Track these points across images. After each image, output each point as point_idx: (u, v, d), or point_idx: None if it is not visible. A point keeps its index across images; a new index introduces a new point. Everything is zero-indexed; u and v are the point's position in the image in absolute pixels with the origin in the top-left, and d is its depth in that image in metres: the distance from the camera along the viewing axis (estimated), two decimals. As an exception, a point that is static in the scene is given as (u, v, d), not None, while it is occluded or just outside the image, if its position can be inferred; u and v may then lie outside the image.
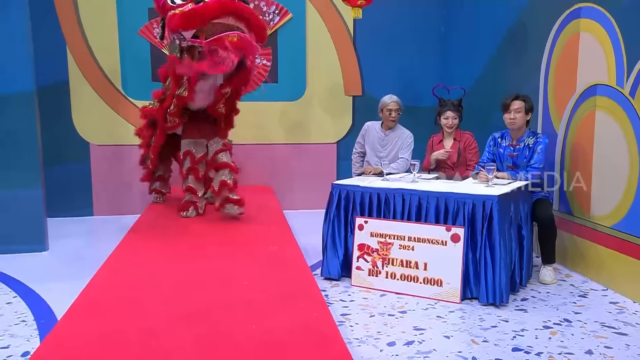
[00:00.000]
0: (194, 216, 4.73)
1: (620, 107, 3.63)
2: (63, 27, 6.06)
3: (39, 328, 3.14)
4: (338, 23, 6.54)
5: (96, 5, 6.03)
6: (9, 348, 2.86)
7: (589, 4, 3.94)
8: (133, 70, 6.13)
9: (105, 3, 6.01)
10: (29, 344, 2.91)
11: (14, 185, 4.75)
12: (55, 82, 6.05)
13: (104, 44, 6.13)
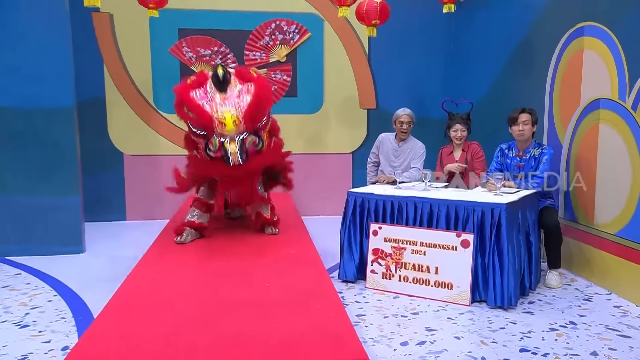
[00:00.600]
0: (188, 242, 4.15)
1: (623, 120, 3.61)
2: (101, 47, 6.16)
3: (77, 325, 3.18)
4: (354, 41, 6.57)
5: (131, 26, 6.13)
6: (50, 343, 2.91)
7: (592, 23, 3.92)
8: (164, 86, 6.20)
9: (139, 24, 6.10)
10: (67, 339, 2.96)
11: (55, 193, 4.82)
12: (93, 98, 6.14)
13: (137, 62, 6.23)
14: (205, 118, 3.68)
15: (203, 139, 3.81)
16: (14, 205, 4.76)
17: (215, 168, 3.87)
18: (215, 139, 3.70)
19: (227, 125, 3.67)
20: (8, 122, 4.69)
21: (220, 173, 3.92)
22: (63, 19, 4.72)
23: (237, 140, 3.70)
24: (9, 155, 4.72)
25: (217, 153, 3.73)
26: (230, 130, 3.68)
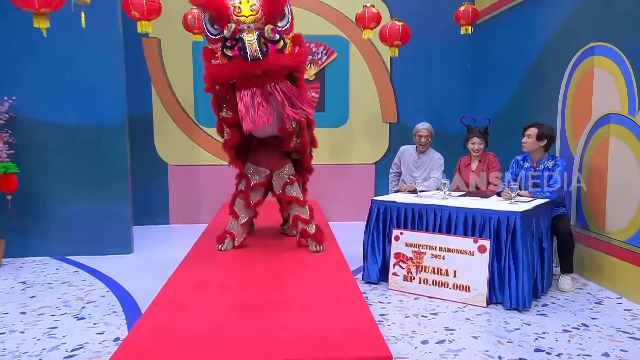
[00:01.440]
0: (230, 248, 4.03)
1: (633, 134, 3.55)
2: (149, 69, 6.30)
3: (126, 318, 3.24)
4: (377, 60, 6.57)
5: (176, 50, 6.24)
6: (103, 334, 2.98)
7: (602, 43, 3.88)
8: (204, 103, 6.26)
9: (184, 48, 6.20)
10: (118, 331, 3.02)
11: (107, 199, 4.92)
12: (142, 114, 6.26)
13: (181, 81, 6.34)
14: (219, 3, 3.22)
15: (220, 41, 3.32)
16: (72, 211, 4.87)
17: (232, 68, 3.27)
18: (231, 24, 3.19)
19: (243, 10, 3.21)
20: (68, 137, 4.81)
21: (239, 72, 3.26)
22: (117, 43, 4.85)
23: (255, 34, 3.19)
24: (69, 167, 4.84)
25: (234, 50, 3.22)
26: (247, 14, 3.20)
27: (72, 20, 3.76)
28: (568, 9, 4.31)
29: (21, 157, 4.69)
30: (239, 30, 3.18)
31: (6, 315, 3.30)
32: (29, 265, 4.58)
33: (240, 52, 3.17)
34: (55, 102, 4.77)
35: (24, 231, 4.82)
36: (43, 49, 4.60)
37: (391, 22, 5.30)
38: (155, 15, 4.70)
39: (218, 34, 3.32)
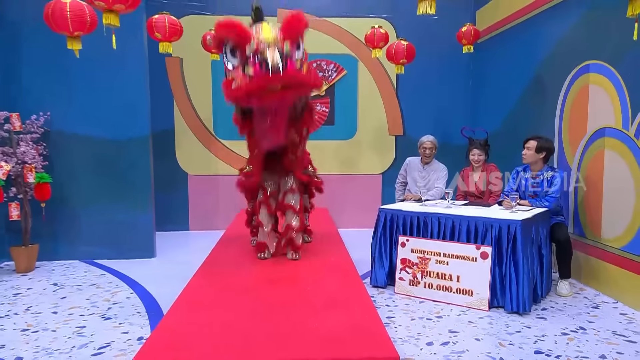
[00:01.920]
0: (269, 257, 3.91)
1: (627, 147, 3.54)
2: (172, 86, 6.37)
3: (149, 318, 3.27)
4: (384, 77, 6.60)
5: (196, 68, 6.31)
6: (128, 333, 3.01)
7: (596, 61, 3.88)
8: (222, 118, 6.36)
9: (203, 66, 6.26)
10: (142, 330, 3.04)
11: (132, 207, 4.98)
12: (165, 128, 6.33)
13: (201, 98, 6.40)
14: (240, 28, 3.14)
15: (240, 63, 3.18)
16: (100, 218, 4.93)
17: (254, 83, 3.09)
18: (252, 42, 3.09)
19: (264, 32, 3.14)
20: (97, 149, 4.88)
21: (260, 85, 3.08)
22: (142, 63, 4.92)
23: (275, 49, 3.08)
24: (97, 177, 4.90)
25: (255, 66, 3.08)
26: (268, 36, 3.12)
27: (101, 41, 3.81)
28: (564, 29, 4.32)
29: (54, 168, 4.77)
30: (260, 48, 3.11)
31: (40, 315, 3.35)
32: (60, 268, 4.64)
33: (261, 67, 3.06)
34: (86, 117, 4.84)
35: (56, 236, 4.88)
36: (75, 68, 4.67)
37: (397, 41, 5.34)
38: (176, 37, 4.80)
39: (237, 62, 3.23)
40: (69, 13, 3.40)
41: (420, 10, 3.10)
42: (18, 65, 4.73)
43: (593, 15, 3.90)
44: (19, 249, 4.53)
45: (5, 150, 4.44)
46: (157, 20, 4.63)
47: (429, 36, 6.16)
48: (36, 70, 4.75)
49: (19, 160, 4.47)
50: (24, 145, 4.51)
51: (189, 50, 6.08)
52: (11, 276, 4.40)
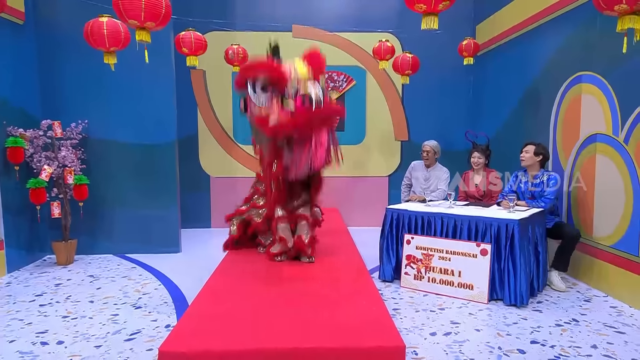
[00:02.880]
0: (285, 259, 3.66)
1: (617, 152, 3.51)
2: (196, 95, 6.41)
3: (175, 308, 3.30)
4: (390, 87, 6.59)
5: (218, 79, 6.35)
6: (156, 321, 3.05)
7: (588, 72, 3.85)
8: (241, 125, 6.39)
9: (225, 78, 6.30)
10: (169, 319, 3.08)
11: (160, 206, 5.02)
12: (189, 134, 6.37)
13: (222, 106, 6.44)
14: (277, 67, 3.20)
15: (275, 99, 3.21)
16: (131, 216, 4.98)
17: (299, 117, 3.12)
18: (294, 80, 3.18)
19: (299, 69, 3.23)
20: (128, 154, 4.93)
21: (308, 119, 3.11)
22: (170, 75, 4.96)
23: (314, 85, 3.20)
24: (128, 178, 4.95)
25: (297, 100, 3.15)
26: (303, 72, 3.22)
27: (134, 56, 3.86)
28: (558, 42, 4.29)
29: (91, 170, 4.83)
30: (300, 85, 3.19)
31: (78, 304, 3.41)
32: (96, 262, 4.70)
33: (303, 102, 3.14)
34: (119, 124, 4.89)
35: (92, 233, 4.94)
36: (110, 80, 4.71)
37: (403, 54, 5.35)
38: (201, 51, 4.85)
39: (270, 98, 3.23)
40: (105, 31, 3.47)
41: (424, 25, 3.10)
42: (60, 79, 4.81)
43: (585, 29, 3.87)
44: (60, 243, 4.59)
45: (48, 155, 4.51)
46: (184, 37, 4.70)
47: (432, 49, 6.14)
48: (75, 82, 4.81)
49: (60, 164, 4.53)
50: (64, 150, 4.57)
51: (212, 63, 6.11)
52: (53, 268, 4.48)
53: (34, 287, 3.86)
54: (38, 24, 4.74)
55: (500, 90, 5.57)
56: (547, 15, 4.46)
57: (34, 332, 2.88)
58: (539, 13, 4.59)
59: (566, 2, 4.12)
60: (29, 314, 3.22)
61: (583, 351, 2.61)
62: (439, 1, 2.96)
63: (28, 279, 4.10)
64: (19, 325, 3.02)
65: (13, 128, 4.28)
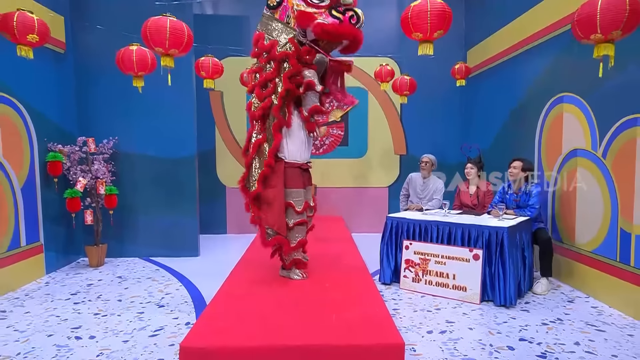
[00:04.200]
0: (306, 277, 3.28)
1: (596, 165, 3.52)
2: (214, 114, 6.47)
3: (195, 307, 3.32)
4: (390, 106, 6.61)
5: (234, 99, 6.40)
6: (178, 319, 3.06)
7: (569, 93, 3.87)
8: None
9: (240, 98, 6.35)
10: (189, 317, 3.10)
11: (181, 214, 5.04)
12: (207, 149, 6.41)
13: (237, 124, 6.48)
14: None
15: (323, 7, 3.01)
16: (155, 223, 5.01)
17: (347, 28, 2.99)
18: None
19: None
20: (153, 167, 4.98)
21: (354, 34, 3.04)
22: (191, 96, 5.01)
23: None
24: (153, 189, 4.99)
25: (344, 16, 3.01)
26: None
27: (159, 79, 3.94)
28: (542, 66, 4.32)
29: (120, 182, 4.88)
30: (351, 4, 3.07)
31: (108, 302, 3.44)
32: (124, 264, 4.72)
33: (351, 20, 3.01)
34: (145, 140, 4.94)
35: (121, 238, 4.97)
36: (138, 101, 4.77)
37: (401, 76, 5.38)
38: (218, 75, 4.90)
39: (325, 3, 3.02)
40: (135, 58, 3.56)
41: (421, 52, 3.14)
42: (94, 100, 4.89)
43: (565, 55, 3.90)
44: (92, 247, 4.63)
45: (83, 168, 4.57)
46: (203, 62, 4.77)
47: (428, 72, 6.15)
48: (107, 103, 4.89)
49: (93, 176, 4.59)
50: (97, 163, 4.63)
51: (228, 85, 6.17)
52: (86, 270, 4.52)
53: (69, 286, 3.91)
54: (76, 53, 4.85)
55: (490, 109, 5.59)
56: (531, 42, 4.50)
57: (69, 328, 2.93)
58: (524, 40, 4.64)
59: (548, 31, 4.16)
60: (65, 311, 3.26)
61: (567, 348, 2.61)
62: (434, 30, 2.98)
63: (64, 279, 4.14)
64: (56, 321, 3.06)
65: (53, 144, 4.36)
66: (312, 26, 2.96)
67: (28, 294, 3.71)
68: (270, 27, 3.15)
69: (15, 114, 3.92)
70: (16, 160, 3.91)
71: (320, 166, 6.52)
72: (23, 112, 4.01)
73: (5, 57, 3.67)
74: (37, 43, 3.13)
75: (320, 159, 6.55)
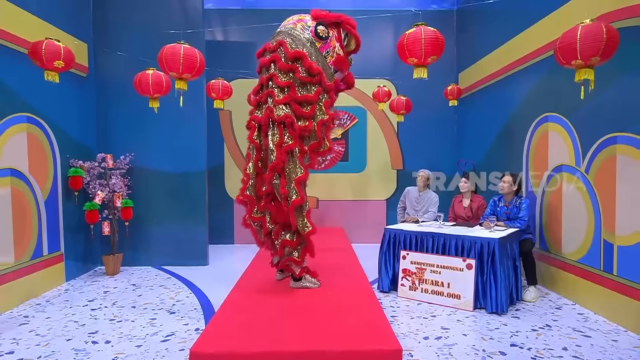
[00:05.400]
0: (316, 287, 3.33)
1: (580, 180, 3.54)
2: (223, 131, 6.53)
3: (204, 314, 3.30)
4: (387, 124, 6.64)
5: (241, 117, 6.39)
6: (188, 325, 3.05)
7: (553, 113, 3.91)
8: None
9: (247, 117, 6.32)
10: (198, 323, 3.08)
11: (191, 225, 5.05)
12: (217, 164, 6.44)
13: (245, 141, 6.29)
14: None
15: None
16: (167, 233, 5.01)
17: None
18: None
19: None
20: (166, 181, 5.01)
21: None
22: (202, 116, 5.07)
23: None
24: (166, 201, 5.01)
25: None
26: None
27: (173, 100, 4.02)
28: (528, 88, 4.36)
29: (135, 195, 4.91)
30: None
31: (122, 308, 3.44)
32: (138, 272, 4.72)
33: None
34: (159, 156, 4.98)
35: (135, 247, 4.98)
36: (152, 120, 4.84)
37: (398, 97, 5.45)
38: (227, 96, 4.96)
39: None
40: (151, 81, 3.64)
41: (416, 75, 3.18)
42: (112, 119, 4.95)
43: (550, 78, 3.95)
44: (108, 257, 4.63)
45: (101, 182, 4.61)
46: (214, 84, 4.84)
47: (423, 93, 6.21)
48: (125, 122, 4.95)
49: (110, 190, 4.62)
50: (114, 178, 4.67)
51: (236, 105, 6.21)
52: (102, 278, 4.52)
53: (87, 293, 3.91)
54: (97, 76, 4.94)
55: (480, 127, 5.62)
56: (518, 66, 4.55)
57: (86, 333, 2.93)
58: (511, 64, 4.70)
59: (533, 55, 4.22)
60: (83, 316, 3.27)
61: (555, 353, 2.60)
62: (428, 56, 3.04)
63: (82, 287, 4.15)
64: (74, 326, 3.07)
65: (74, 160, 4.42)
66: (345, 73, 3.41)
67: (49, 300, 3.72)
68: (313, 55, 3.20)
69: (42, 133, 4.00)
70: (41, 175, 3.96)
71: (322, 180, 6.55)
72: (48, 131, 4.08)
73: (33, 81, 3.75)
74: (63, 68, 3.20)
75: (322, 173, 6.59)
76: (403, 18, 6.24)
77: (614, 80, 3.12)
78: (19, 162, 3.67)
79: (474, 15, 5.89)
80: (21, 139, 3.71)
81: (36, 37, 3.39)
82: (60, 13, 4.26)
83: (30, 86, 3.78)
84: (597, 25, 2.51)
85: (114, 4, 4.94)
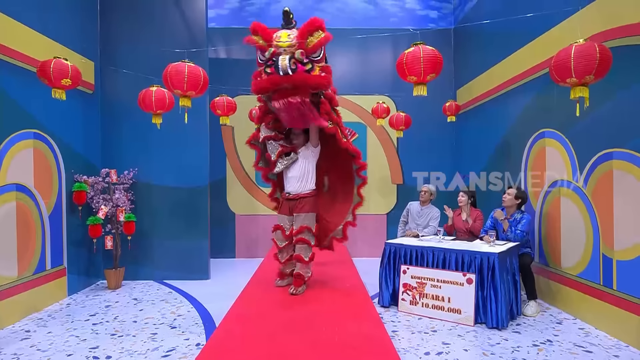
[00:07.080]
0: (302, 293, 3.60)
1: (577, 195, 3.55)
2: (225, 147, 6.56)
3: (205, 328, 3.27)
4: (387, 139, 6.68)
5: (244, 133, 6.36)
6: (189, 340, 3.02)
7: (550, 129, 3.94)
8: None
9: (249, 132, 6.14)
10: (199, 338, 3.05)
11: (193, 239, 5.03)
12: (219, 178, 6.46)
13: (246, 156, 6.53)
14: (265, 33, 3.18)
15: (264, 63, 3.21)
16: (169, 247, 5.00)
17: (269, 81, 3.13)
18: (270, 49, 3.12)
19: (282, 38, 3.14)
20: (168, 195, 5.01)
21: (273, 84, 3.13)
22: (205, 132, 5.11)
23: (287, 56, 3.08)
24: (168, 216, 5.01)
25: (271, 68, 3.10)
26: (284, 41, 3.11)
27: (176, 117, 4.04)
28: (525, 104, 4.40)
29: (138, 209, 4.92)
30: (276, 53, 3.11)
31: (124, 323, 3.41)
32: (139, 287, 4.69)
33: (275, 70, 3.09)
34: (162, 171, 5.00)
35: (137, 262, 4.96)
36: (156, 136, 4.88)
37: (397, 113, 5.50)
38: (232, 112, 5.03)
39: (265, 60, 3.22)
40: (154, 98, 3.68)
41: (416, 92, 3.19)
42: (117, 135, 5.00)
43: (546, 94, 3.99)
44: (110, 271, 4.62)
45: (105, 197, 4.62)
46: (218, 101, 4.90)
47: (421, 109, 6.24)
48: (129, 138, 4.99)
49: (114, 204, 4.63)
50: (118, 192, 4.68)
51: (238, 120, 6.26)
52: (104, 292, 4.50)
53: (88, 308, 3.89)
54: (103, 93, 5.00)
55: (478, 143, 5.65)
56: (515, 83, 4.61)
57: (87, 347, 2.90)
58: (508, 81, 4.76)
59: (529, 73, 4.29)
60: (84, 331, 3.24)
61: (557, 369, 2.58)
62: (427, 74, 3.08)
63: (84, 301, 4.12)
64: (75, 341, 3.05)
65: (79, 175, 4.44)
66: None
67: (51, 314, 3.70)
68: None
69: (48, 149, 4.04)
70: (46, 190, 3.99)
71: (323, 194, 6.55)
72: (54, 146, 4.12)
73: (40, 98, 3.81)
74: (70, 86, 3.26)
75: (323, 187, 6.60)
76: (401, 37, 6.34)
77: (609, 96, 3.16)
78: (25, 177, 3.70)
79: (470, 34, 5.99)
80: (28, 154, 3.75)
81: (45, 56, 3.47)
82: (68, 32, 4.36)
83: (38, 103, 3.84)
84: (590, 45, 2.56)
85: (121, 24, 5.05)
